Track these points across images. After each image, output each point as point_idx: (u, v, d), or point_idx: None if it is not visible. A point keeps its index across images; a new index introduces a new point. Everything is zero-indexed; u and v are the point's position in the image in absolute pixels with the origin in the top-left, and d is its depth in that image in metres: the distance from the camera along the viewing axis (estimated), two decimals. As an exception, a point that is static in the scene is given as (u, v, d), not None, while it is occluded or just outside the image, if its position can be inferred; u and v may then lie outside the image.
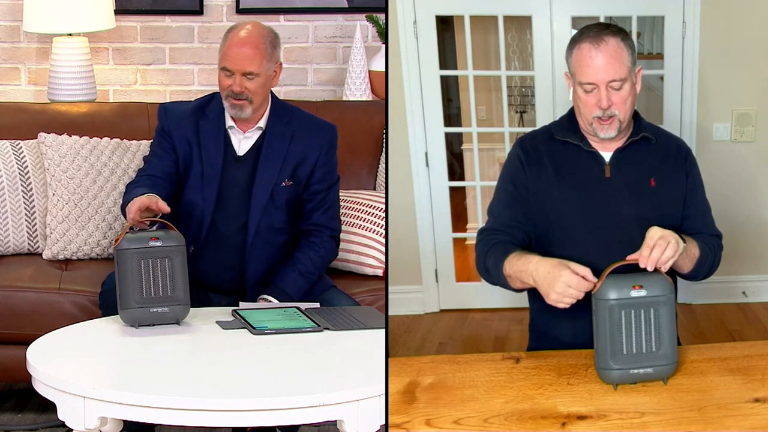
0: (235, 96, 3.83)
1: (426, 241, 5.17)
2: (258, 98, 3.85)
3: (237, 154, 3.91)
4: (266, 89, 3.88)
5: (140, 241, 3.54)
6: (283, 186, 3.91)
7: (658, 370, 2.68)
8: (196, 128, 3.92)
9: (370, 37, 5.17)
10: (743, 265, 5.10)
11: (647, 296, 2.67)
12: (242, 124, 3.91)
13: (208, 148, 3.91)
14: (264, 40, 3.84)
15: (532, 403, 2.61)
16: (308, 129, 3.97)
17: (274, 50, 3.86)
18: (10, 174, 4.45)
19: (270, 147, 3.91)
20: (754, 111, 5.06)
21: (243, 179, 3.90)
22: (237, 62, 3.80)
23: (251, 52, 3.81)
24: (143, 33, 5.17)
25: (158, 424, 3.68)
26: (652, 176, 3.01)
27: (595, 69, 2.92)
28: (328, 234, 3.98)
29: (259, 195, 3.88)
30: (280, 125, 3.93)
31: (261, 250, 3.90)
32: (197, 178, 3.90)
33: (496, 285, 3.02)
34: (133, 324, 3.52)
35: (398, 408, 2.61)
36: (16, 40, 5.15)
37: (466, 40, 5.09)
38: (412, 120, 5.05)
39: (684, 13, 4.92)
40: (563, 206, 3.00)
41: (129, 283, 3.51)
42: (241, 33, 3.84)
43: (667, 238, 2.74)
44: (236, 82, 3.81)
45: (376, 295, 4.13)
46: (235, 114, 3.87)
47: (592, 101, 2.94)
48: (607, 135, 2.96)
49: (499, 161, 5.86)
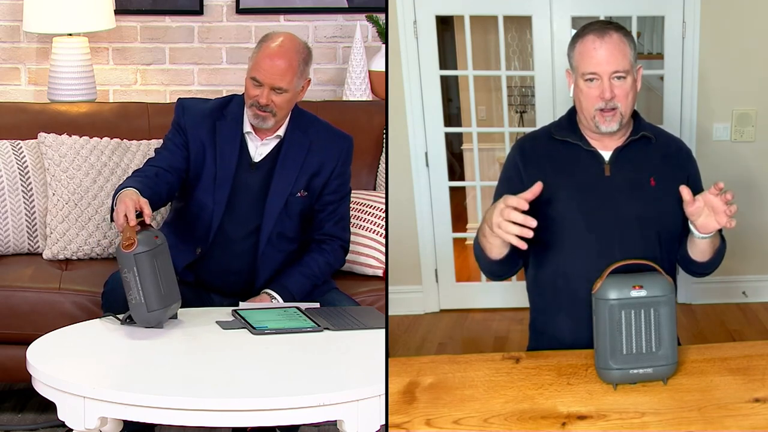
0: (260, 107, 3.79)
1: (426, 241, 5.17)
2: (282, 112, 3.82)
3: (252, 160, 3.89)
4: (292, 104, 3.86)
5: (150, 241, 3.53)
6: (298, 196, 3.89)
7: (658, 370, 2.68)
8: (212, 129, 3.89)
9: (370, 37, 5.17)
10: (743, 265, 5.10)
11: (647, 296, 2.67)
12: (261, 131, 3.89)
13: (223, 151, 3.87)
14: (298, 56, 3.80)
15: (532, 403, 2.61)
16: (326, 139, 3.94)
17: (306, 66, 3.82)
18: (10, 174, 4.45)
19: (287, 156, 3.88)
20: (754, 111, 5.06)
21: (256, 186, 3.88)
22: (268, 75, 3.76)
23: (284, 66, 3.76)
24: (143, 33, 5.17)
25: (158, 424, 3.67)
26: (652, 175, 3.01)
27: (599, 59, 2.93)
28: (338, 244, 3.98)
29: (274, 203, 3.86)
30: (299, 134, 3.91)
31: (271, 257, 3.89)
32: (209, 181, 3.87)
33: (493, 274, 3.02)
34: (151, 326, 3.50)
35: (398, 408, 2.61)
36: (16, 40, 5.14)
37: (466, 40, 5.09)
38: (412, 120, 5.05)
39: (684, 13, 4.92)
40: (563, 206, 3.00)
41: (151, 285, 3.48)
42: (277, 45, 3.79)
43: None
44: (264, 94, 3.77)
45: (376, 295, 4.13)
46: (257, 124, 3.83)
47: (595, 93, 2.94)
48: (608, 128, 2.96)
49: (499, 161, 5.86)
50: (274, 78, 3.76)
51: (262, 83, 3.77)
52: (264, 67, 3.77)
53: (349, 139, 4.00)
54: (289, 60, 3.78)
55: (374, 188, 4.64)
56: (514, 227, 2.64)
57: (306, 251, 3.94)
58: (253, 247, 3.88)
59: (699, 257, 2.97)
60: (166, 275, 3.52)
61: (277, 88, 3.77)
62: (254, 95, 3.79)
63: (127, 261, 3.47)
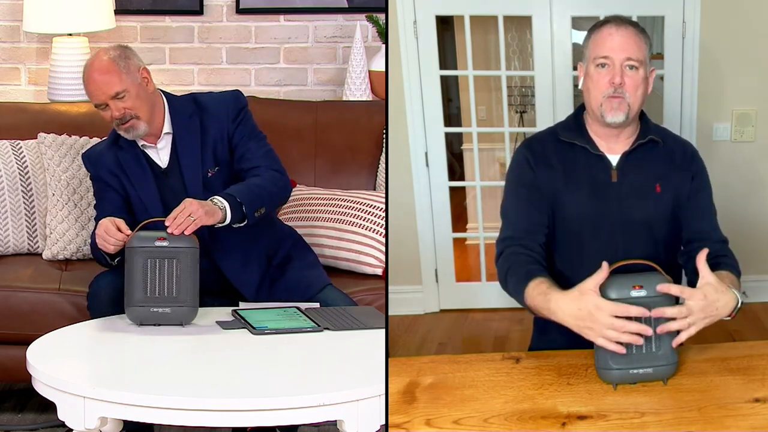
0: (120, 122, 3.82)
1: (426, 241, 5.17)
2: (142, 110, 3.83)
3: (162, 168, 3.91)
4: (145, 98, 3.85)
5: (148, 240, 3.55)
6: (210, 176, 3.90)
7: (658, 370, 2.67)
8: (118, 163, 3.92)
9: (370, 37, 5.17)
10: (743, 265, 5.06)
11: (647, 296, 2.67)
12: (151, 138, 3.90)
13: (136, 175, 3.90)
14: (110, 60, 3.81)
15: (532, 403, 2.61)
16: (210, 108, 3.95)
17: (127, 61, 3.83)
18: (10, 174, 4.45)
19: (183, 146, 3.91)
20: (754, 111, 5.05)
21: (178, 187, 3.88)
22: (99, 93, 3.79)
23: (104, 76, 3.79)
24: (143, 33, 5.17)
25: (158, 424, 3.67)
26: (658, 181, 2.99)
27: (613, 45, 2.91)
28: (267, 167, 3.91)
29: (194, 193, 3.84)
30: (185, 119, 3.92)
31: (224, 244, 3.88)
32: (139, 205, 3.89)
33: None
34: (137, 322, 3.53)
35: (398, 408, 2.61)
36: (16, 40, 5.15)
37: (466, 40, 5.09)
38: (412, 120, 5.05)
39: (684, 13, 4.91)
40: (570, 209, 2.98)
41: (133, 281, 3.53)
42: (88, 67, 3.83)
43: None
44: (112, 109, 3.80)
45: (376, 295, 4.14)
46: (134, 136, 3.85)
47: (605, 78, 2.91)
48: (614, 118, 2.92)
49: (499, 161, 5.86)
50: (104, 92, 3.79)
51: (103, 102, 3.80)
52: (91, 90, 3.81)
53: (232, 93, 4.00)
54: (103, 69, 3.80)
55: (374, 188, 4.64)
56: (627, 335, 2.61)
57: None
58: (203, 244, 3.84)
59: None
60: (167, 278, 3.53)
61: (115, 95, 3.79)
62: (109, 117, 3.83)
63: (125, 254, 3.59)
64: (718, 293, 2.68)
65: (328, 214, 4.43)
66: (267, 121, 4.30)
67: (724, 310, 2.70)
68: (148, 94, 3.86)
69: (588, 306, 2.62)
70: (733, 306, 2.73)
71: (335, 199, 4.46)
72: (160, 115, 3.90)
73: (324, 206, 4.45)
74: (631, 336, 2.60)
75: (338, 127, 4.17)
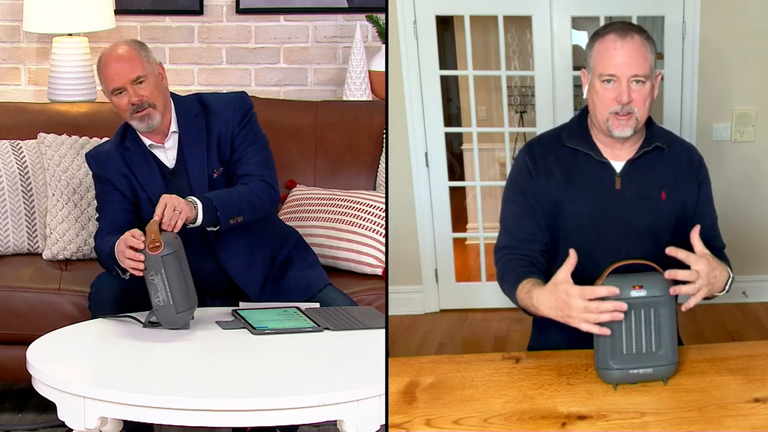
0: (137, 108, 3.80)
1: (426, 241, 5.17)
2: (158, 100, 3.83)
3: (169, 168, 3.91)
4: (161, 91, 3.85)
5: (174, 242, 3.54)
6: (216, 176, 3.90)
7: (658, 370, 2.67)
8: (125, 163, 3.91)
9: (370, 37, 5.17)
10: (743, 265, 5.08)
11: (647, 296, 2.67)
12: (158, 137, 3.90)
13: (144, 175, 3.89)
14: (131, 47, 3.82)
15: (532, 403, 2.61)
16: (216, 109, 3.95)
17: (146, 52, 3.84)
18: (10, 174, 4.45)
19: (190, 145, 3.90)
20: (754, 111, 5.05)
21: (185, 187, 3.87)
22: (120, 76, 3.78)
23: (127, 61, 3.79)
24: (143, 33, 5.17)
25: (158, 424, 3.68)
26: (663, 189, 2.97)
27: (619, 61, 2.85)
28: (257, 178, 3.90)
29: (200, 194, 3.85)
30: (191, 119, 3.92)
31: (229, 245, 3.88)
32: (147, 204, 3.87)
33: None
34: (183, 327, 3.53)
35: (398, 408, 2.61)
36: (16, 40, 5.15)
37: (466, 40, 5.09)
38: (412, 120, 5.05)
39: (684, 13, 4.91)
40: (572, 216, 2.97)
41: (178, 286, 3.49)
42: (107, 53, 3.83)
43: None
44: (129, 94, 3.79)
45: (376, 295, 4.14)
46: (147, 126, 3.84)
47: (611, 95, 2.86)
48: (622, 133, 2.89)
49: (499, 161, 5.86)
50: (125, 75, 3.78)
51: (122, 87, 3.79)
52: (110, 73, 3.79)
53: (238, 95, 4.00)
54: (125, 54, 3.80)
55: (374, 188, 4.64)
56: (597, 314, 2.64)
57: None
58: (208, 246, 3.86)
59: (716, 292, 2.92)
60: (188, 276, 3.53)
61: (135, 79, 3.79)
62: (125, 103, 3.81)
63: (155, 263, 3.48)
64: (713, 263, 2.74)
65: (328, 214, 4.43)
66: (267, 121, 4.30)
67: (720, 280, 2.76)
68: (163, 89, 3.88)
69: (561, 295, 2.67)
70: (726, 279, 2.80)
71: (335, 199, 4.46)
72: (169, 113, 3.90)
73: (324, 206, 4.46)
74: (610, 314, 2.62)
75: (338, 127, 4.17)
